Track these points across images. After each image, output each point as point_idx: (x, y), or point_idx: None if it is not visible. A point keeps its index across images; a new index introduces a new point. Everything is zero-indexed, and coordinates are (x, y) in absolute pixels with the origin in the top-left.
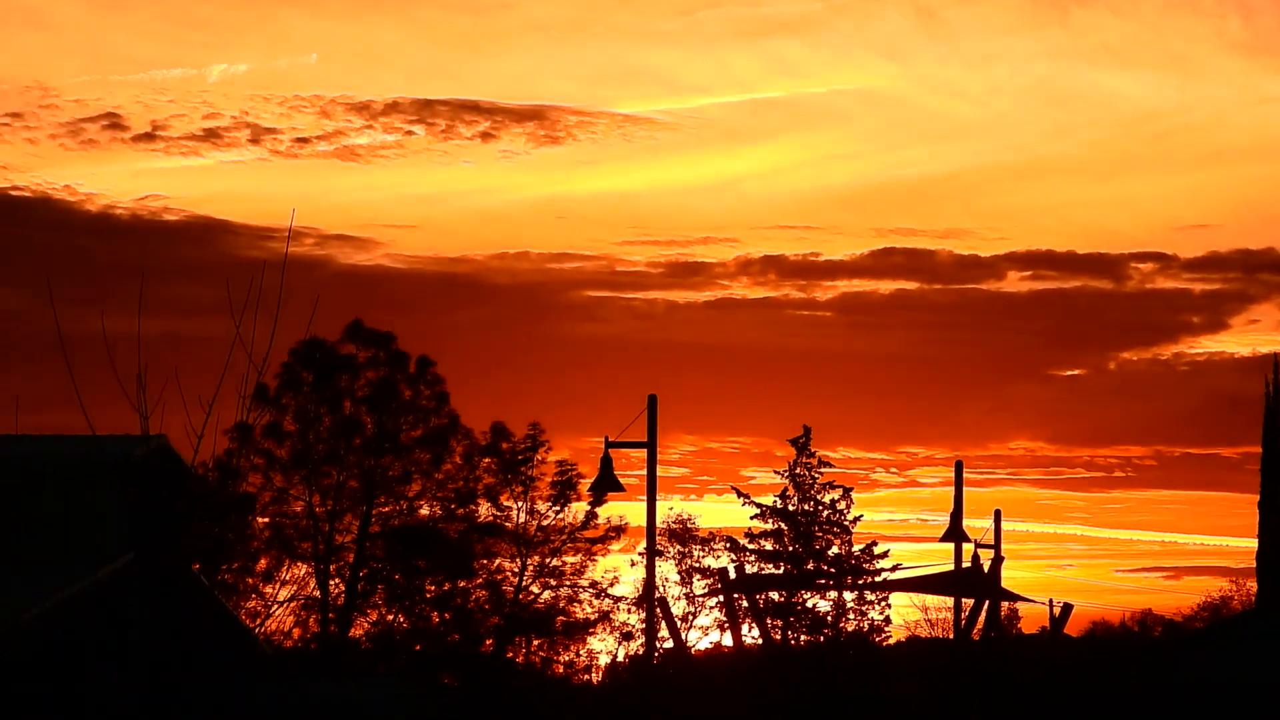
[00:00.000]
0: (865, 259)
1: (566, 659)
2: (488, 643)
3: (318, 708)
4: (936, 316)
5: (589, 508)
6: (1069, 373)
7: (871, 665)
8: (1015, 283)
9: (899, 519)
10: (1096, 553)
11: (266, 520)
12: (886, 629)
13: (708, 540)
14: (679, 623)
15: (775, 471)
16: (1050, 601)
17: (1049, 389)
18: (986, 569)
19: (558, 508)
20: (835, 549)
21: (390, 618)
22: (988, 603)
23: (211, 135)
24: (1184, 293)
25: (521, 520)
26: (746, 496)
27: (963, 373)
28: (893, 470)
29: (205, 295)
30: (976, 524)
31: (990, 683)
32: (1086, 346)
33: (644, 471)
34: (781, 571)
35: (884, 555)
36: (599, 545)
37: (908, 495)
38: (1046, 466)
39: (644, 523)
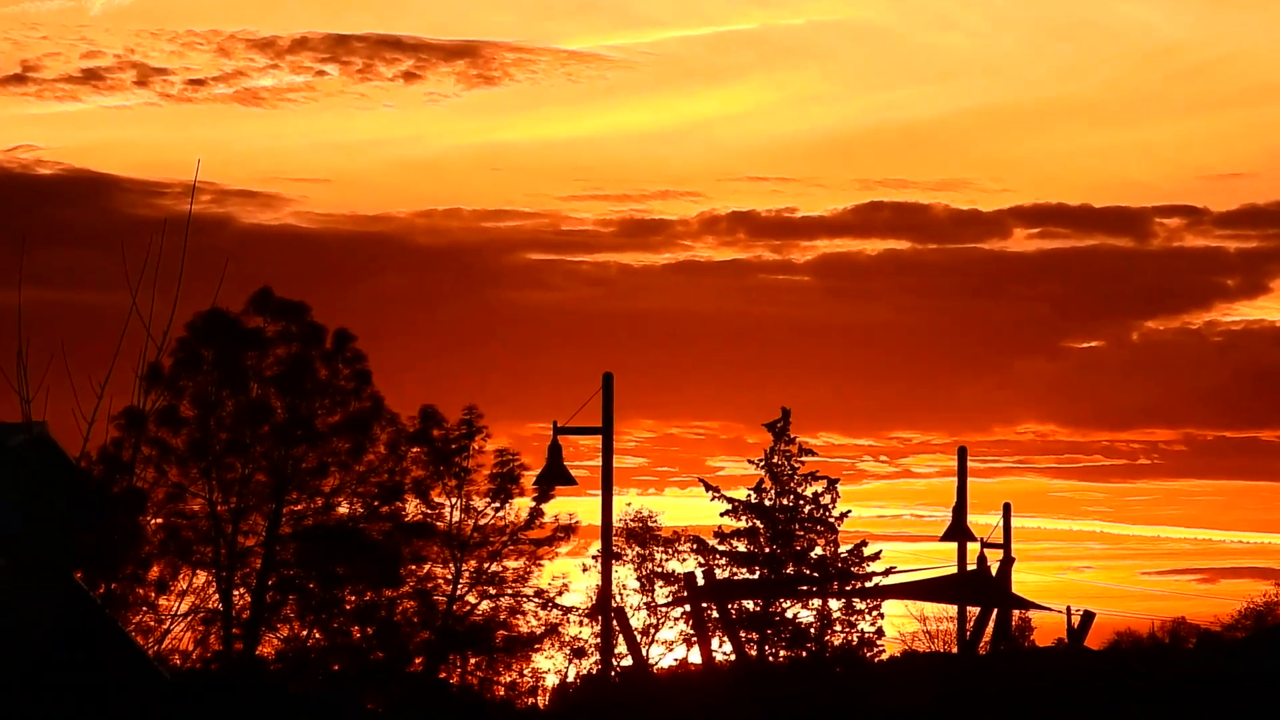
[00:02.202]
0: (849, 215)
1: (509, 679)
2: (417, 661)
3: None
4: (931, 281)
5: (534, 504)
6: (1085, 345)
7: (862, 684)
8: (1022, 242)
9: (892, 515)
10: (1119, 552)
11: (160, 521)
12: (879, 642)
13: (671, 541)
14: (639, 637)
15: (749, 461)
16: (1068, 609)
17: (1062, 364)
18: (994, 572)
19: (498, 504)
20: (819, 550)
21: (304, 633)
22: (996, 611)
23: (92, 76)
24: (1217, 252)
25: (456, 519)
26: (716, 490)
27: (963, 346)
28: (883, 459)
29: (90, 261)
30: (982, 520)
31: (1000, 704)
32: (1105, 315)
33: (598, 462)
34: (757, 576)
35: (875, 557)
36: (545, 548)
37: (901, 487)
38: (1060, 453)
39: (598, 521)
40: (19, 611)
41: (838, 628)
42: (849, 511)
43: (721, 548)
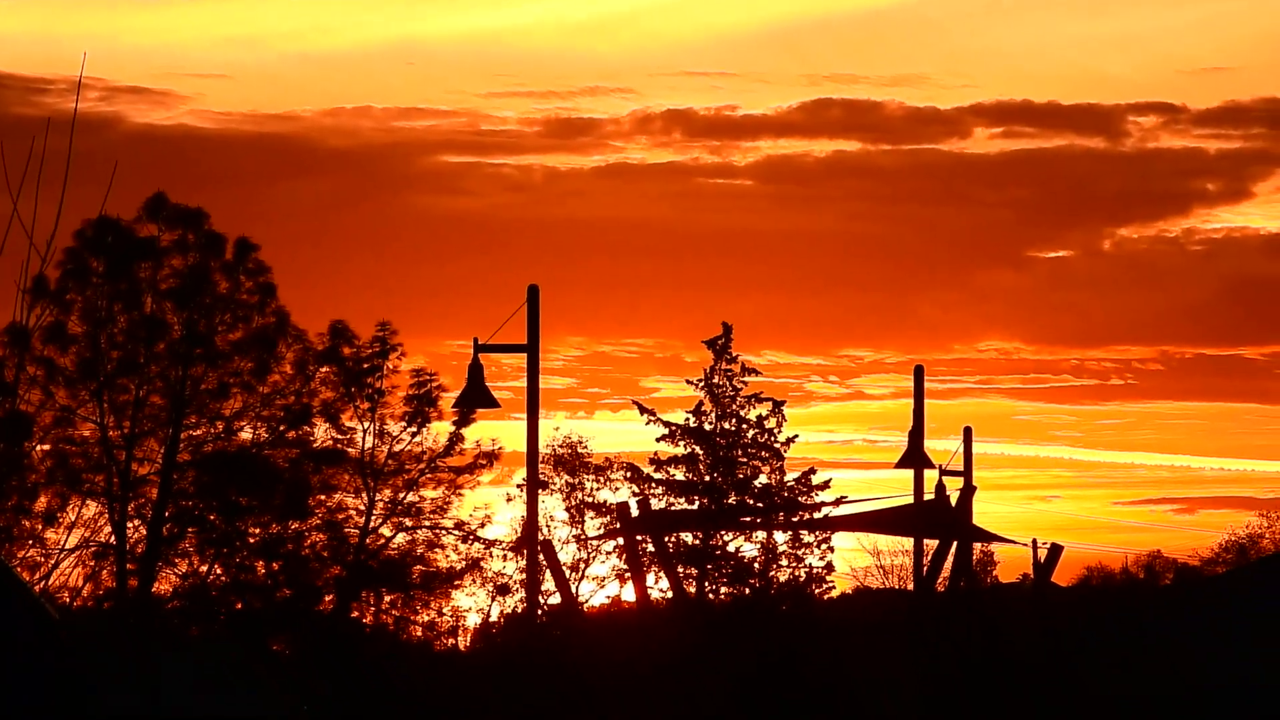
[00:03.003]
0: (794, 114)
1: (426, 618)
2: (327, 599)
3: (114, 684)
4: (885, 186)
5: (453, 428)
6: (1053, 255)
7: (810, 623)
8: (984, 142)
9: (842, 440)
10: (1090, 480)
11: (47, 447)
12: (829, 578)
13: (603, 469)
14: (568, 573)
15: (687, 381)
16: (1034, 542)
17: (1028, 275)
18: (954, 501)
19: (414, 429)
20: (763, 478)
21: (204, 569)
22: (956, 544)
23: None
24: (1196, 153)
25: (368, 445)
26: (651, 413)
27: (919, 256)
28: (833, 379)
29: None
30: (941, 445)
31: (960, 644)
32: (1074, 222)
33: (522, 382)
34: (696, 507)
35: (825, 485)
36: (466, 476)
37: (852, 409)
38: (1026, 373)
39: (522, 447)
40: None
41: (784, 562)
42: (796, 436)
43: (657, 476)
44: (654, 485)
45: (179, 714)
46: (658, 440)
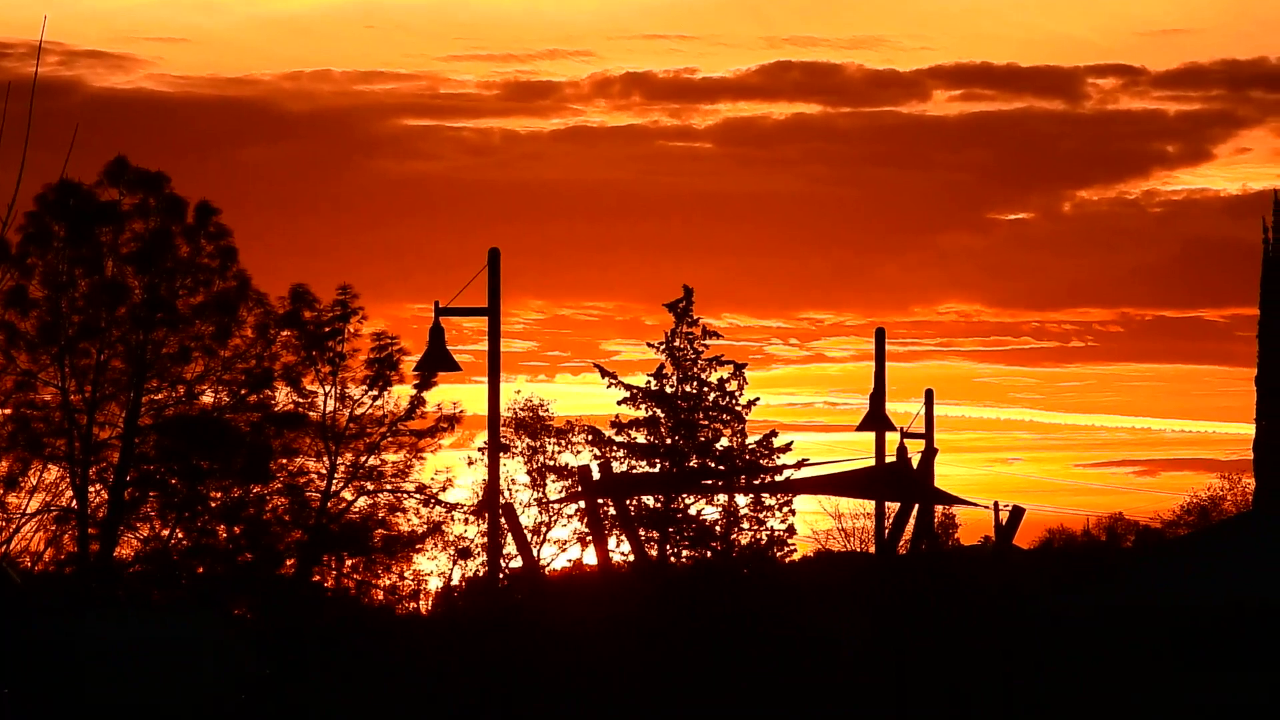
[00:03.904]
0: (754, 76)
1: (388, 582)
2: (289, 563)
3: (76, 649)
4: (845, 148)
5: (414, 392)
6: (1013, 217)
7: (772, 586)
8: (943, 104)
9: (803, 403)
10: (1051, 443)
11: (8, 411)
12: (790, 541)
13: (564, 432)
14: (530, 536)
15: (648, 344)
16: (995, 505)
17: (988, 238)
18: (916, 464)
19: (375, 393)
20: (725, 441)
21: (165, 533)
22: (917, 507)
23: None
24: (1156, 115)
25: (330, 409)
26: (612, 376)
27: (879, 219)
28: (793, 342)
29: None
30: (902, 408)
31: (922, 607)
32: (1034, 184)
33: (484, 346)
34: (657, 470)
35: (786, 448)
36: (428, 439)
37: (813, 372)
38: (986, 335)
39: (484, 411)
40: None
41: (745, 525)
42: (757, 399)
43: (619, 439)
44: (615, 448)
45: (142, 678)
46: (619, 403)
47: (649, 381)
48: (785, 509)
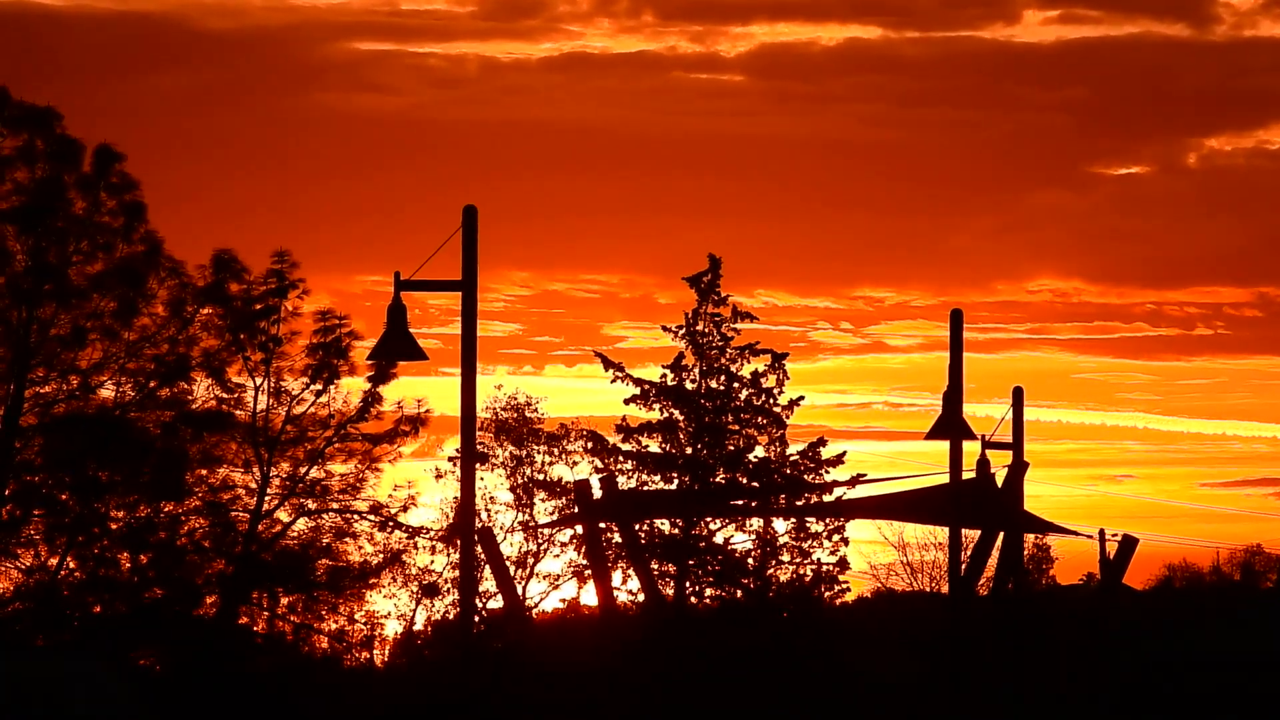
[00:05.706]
0: None
1: (334, 626)
2: (209, 601)
3: None
4: (911, 83)
5: (368, 386)
6: (1122, 171)
7: (818, 634)
8: (1035, 28)
9: (858, 403)
10: (1170, 456)
11: None
12: (842, 578)
13: (557, 438)
14: (513, 569)
15: (663, 328)
16: (1101, 533)
17: (1090, 197)
18: (1000, 481)
19: (318, 387)
20: (759, 451)
21: (53, 562)
22: (1003, 535)
23: None
24: None
25: (262, 407)
26: (618, 368)
27: (953, 173)
28: (845, 327)
29: None
30: (982, 410)
31: (1008, 663)
32: (1150, 131)
33: (456, 329)
34: (675, 487)
35: (837, 461)
36: (384, 446)
37: (870, 365)
38: (1088, 320)
39: (456, 411)
40: None
41: (785, 558)
42: (801, 398)
43: (626, 447)
44: (621, 459)
45: None
46: (626, 402)
47: (664, 375)
48: (836, 537)
